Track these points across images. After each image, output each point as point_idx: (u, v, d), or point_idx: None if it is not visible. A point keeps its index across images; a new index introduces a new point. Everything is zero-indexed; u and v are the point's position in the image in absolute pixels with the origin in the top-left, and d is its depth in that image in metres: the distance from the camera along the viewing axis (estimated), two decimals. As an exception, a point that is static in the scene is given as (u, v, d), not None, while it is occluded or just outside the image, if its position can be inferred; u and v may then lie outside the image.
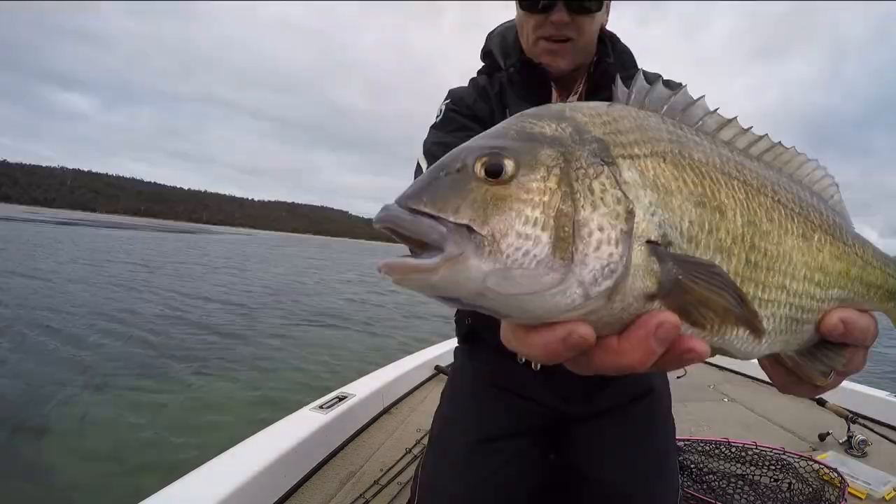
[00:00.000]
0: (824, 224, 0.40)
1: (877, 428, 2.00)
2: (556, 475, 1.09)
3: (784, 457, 1.66)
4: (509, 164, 0.29)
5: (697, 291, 0.30)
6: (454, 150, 0.32)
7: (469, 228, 0.28)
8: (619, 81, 0.38)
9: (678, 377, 2.99)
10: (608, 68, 0.97)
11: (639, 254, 0.29)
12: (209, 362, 5.11)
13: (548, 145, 0.30)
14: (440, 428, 1.11)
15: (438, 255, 0.27)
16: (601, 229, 0.28)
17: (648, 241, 0.30)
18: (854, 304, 0.40)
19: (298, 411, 1.71)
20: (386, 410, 2.09)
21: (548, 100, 1.00)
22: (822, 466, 1.63)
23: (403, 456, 1.63)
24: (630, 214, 0.29)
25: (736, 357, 0.36)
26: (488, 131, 0.34)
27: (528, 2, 0.92)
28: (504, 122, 0.34)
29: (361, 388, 1.99)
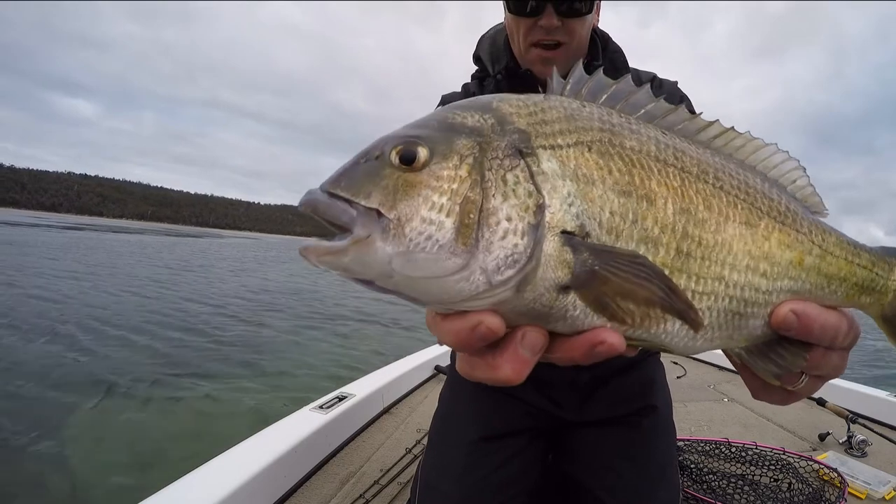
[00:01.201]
0: (774, 211, 0.37)
1: (877, 428, 2.00)
2: (556, 477, 1.09)
3: (784, 457, 1.66)
4: (423, 152, 0.29)
5: (615, 282, 0.29)
6: (377, 139, 0.32)
7: (378, 213, 0.28)
8: (555, 73, 0.38)
9: (678, 377, 3.00)
10: (598, 69, 0.97)
11: (551, 245, 0.29)
12: (217, 363, 5.11)
13: (465, 135, 0.30)
14: (438, 429, 1.12)
15: (349, 237, 0.28)
16: (508, 219, 0.28)
17: (564, 232, 0.30)
18: (814, 297, 0.37)
19: (298, 411, 1.71)
20: (386, 410, 2.10)
21: None
22: (822, 466, 1.63)
23: (403, 456, 1.63)
24: (540, 208, 0.29)
25: (675, 352, 0.35)
26: (414, 121, 0.34)
27: (516, 5, 0.91)
28: (432, 112, 0.34)
29: (361, 388, 1.99)
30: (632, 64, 1.04)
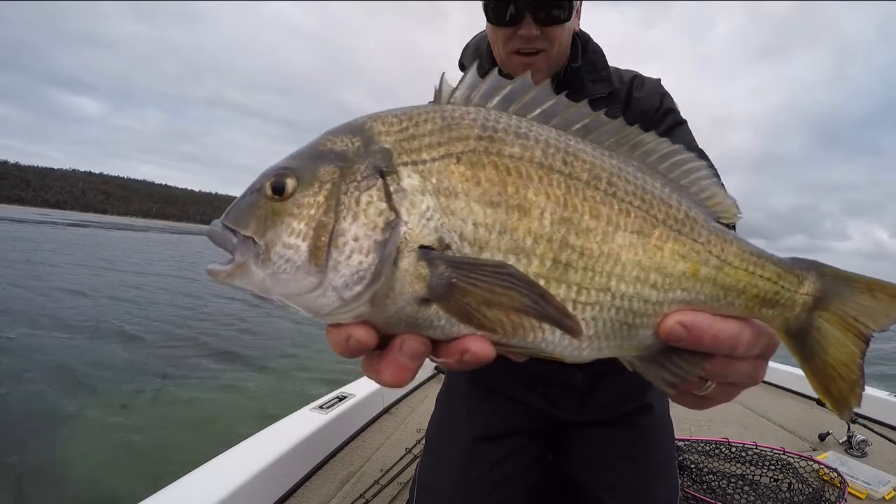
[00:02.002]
0: (670, 219, 0.36)
1: (877, 428, 2.00)
2: (556, 477, 1.09)
3: (784, 457, 1.66)
4: (290, 183, 0.32)
5: (477, 293, 0.30)
6: (264, 171, 0.34)
7: (253, 240, 0.31)
8: (444, 79, 0.37)
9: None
10: (577, 71, 0.97)
11: (406, 260, 0.30)
12: (218, 362, 5.12)
13: (329, 161, 0.32)
14: (436, 431, 1.12)
15: (233, 262, 0.32)
16: (356, 239, 0.30)
17: (422, 247, 0.31)
18: (710, 308, 0.36)
19: (298, 411, 1.71)
20: (386, 411, 2.10)
21: None
22: (822, 466, 1.62)
23: (403, 456, 1.63)
24: (389, 225, 0.30)
25: (565, 360, 0.35)
26: (297, 149, 0.35)
27: (495, 15, 0.91)
28: (315, 138, 0.35)
29: (361, 388, 1.99)
30: (632, 65, 1.05)
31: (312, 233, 0.30)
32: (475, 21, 0.96)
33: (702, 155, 0.92)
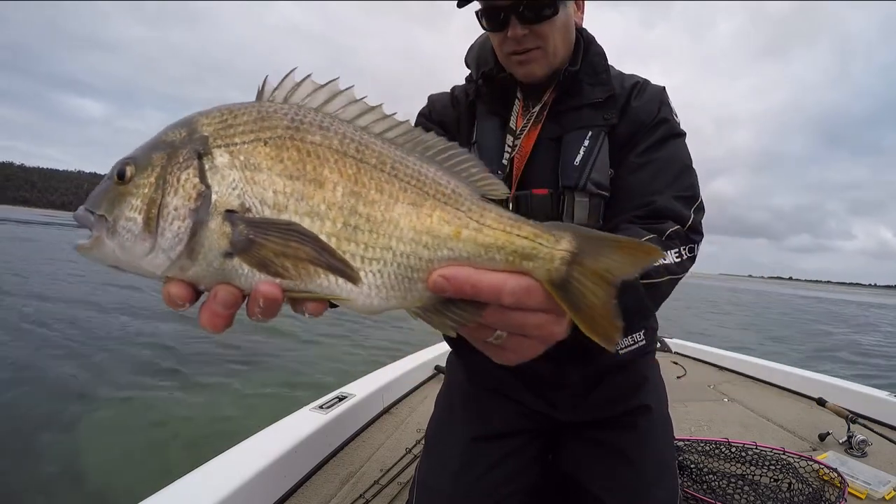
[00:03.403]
0: (439, 194, 0.44)
1: (877, 428, 2.00)
2: (555, 477, 1.09)
3: (784, 457, 1.66)
4: (129, 170, 0.39)
5: (270, 246, 0.37)
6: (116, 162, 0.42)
7: (104, 218, 0.39)
8: (266, 80, 0.43)
9: (678, 377, 3.00)
10: (576, 74, 0.98)
11: (214, 222, 0.38)
12: (218, 362, 5.12)
13: (160, 149, 0.40)
14: (435, 430, 1.13)
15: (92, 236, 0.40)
16: (176, 209, 0.38)
17: (228, 211, 0.38)
18: (474, 263, 0.43)
19: (298, 411, 1.71)
20: (386, 410, 2.10)
21: (511, 111, 1.01)
22: (822, 466, 1.63)
23: (403, 456, 1.63)
24: (201, 195, 0.38)
25: (358, 309, 0.42)
26: (145, 141, 0.42)
27: (487, 22, 0.92)
28: (158, 132, 0.42)
29: (361, 388, 1.99)
30: (633, 65, 1.06)
31: (146, 207, 0.38)
32: (476, 22, 0.97)
33: (683, 171, 0.91)
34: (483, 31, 1.08)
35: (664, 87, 1.00)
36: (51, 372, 4.43)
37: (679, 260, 0.78)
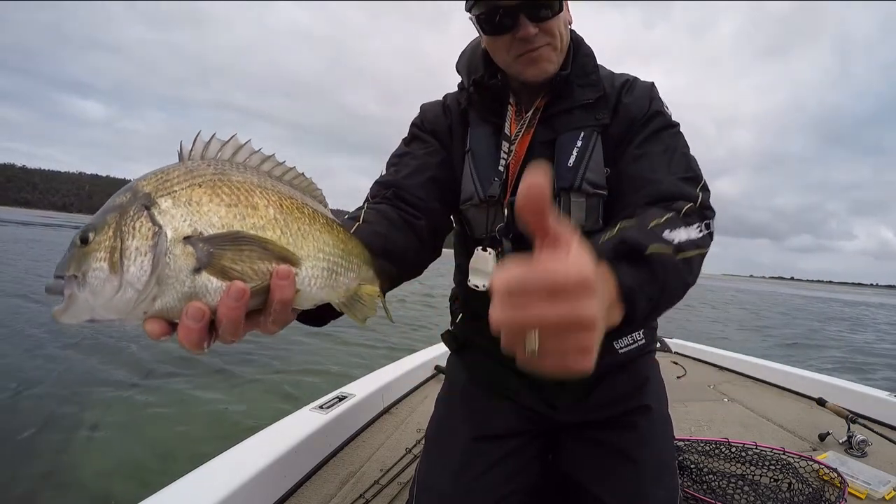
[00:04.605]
0: (327, 217, 0.58)
1: (877, 428, 2.00)
2: (556, 477, 1.09)
3: (784, 457, 1.66)
4: (90, 233, 0.44)
5: (227, 253, 0.45)
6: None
7: (74, 276, 0.43)
8: (182, 145, 0.51)
9: (678, 377, 2.99)
10: (567, 77, 0.97)
11: (177, 248, 0.44)
12: (219, 361, 5.12)
13: (112, 211, 0.45)
14: (435, 430, 1.13)
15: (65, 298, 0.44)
16: (137, 248, 0.43)
17: (186, 238, 0.44)
18: (344, 266, 0.58)
19: (298, 411, 1.71)
20: (386, 411, 2.09)
21: (503, 118, 1.01)
22: (822, 466, 1.62)
23: (403, 456, 1.63)
24: (155, 234, 0.44)
25: (303, 300, 0.52)
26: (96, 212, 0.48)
27: (488, 26, 0.90)
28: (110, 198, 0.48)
29: (361, 388, 1.98)
30: (634, 65, 1.05)
31: (109, 255, 0.43)
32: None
33: (683, 156, 0.90)
34: (474, 38, 1.06)
35: (653, 83, 1.00)
36: (51, 372, 4.43)
37: (701, 234, 0.76)
